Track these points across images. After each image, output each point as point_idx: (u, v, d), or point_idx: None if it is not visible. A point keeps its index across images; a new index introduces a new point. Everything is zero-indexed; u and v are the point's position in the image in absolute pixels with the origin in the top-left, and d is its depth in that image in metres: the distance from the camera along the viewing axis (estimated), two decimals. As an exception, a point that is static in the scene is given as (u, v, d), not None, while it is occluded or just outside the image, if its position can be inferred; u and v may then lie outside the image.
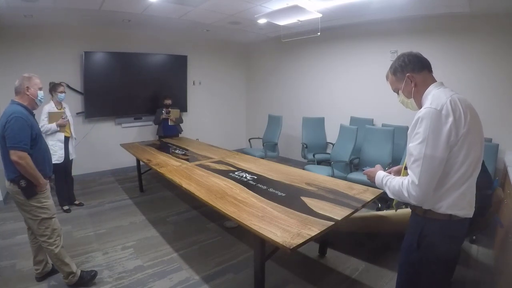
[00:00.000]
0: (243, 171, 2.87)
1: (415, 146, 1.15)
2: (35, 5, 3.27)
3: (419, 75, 1.28)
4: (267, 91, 6.49)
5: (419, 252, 1.27)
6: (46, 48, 4.34)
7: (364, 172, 1.52)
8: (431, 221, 1.22)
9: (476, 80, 3.52)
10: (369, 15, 3.96)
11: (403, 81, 1.31)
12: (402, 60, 1.30)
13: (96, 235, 2.99)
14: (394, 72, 1.35)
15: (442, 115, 1.12)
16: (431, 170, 1.13)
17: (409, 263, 1.33)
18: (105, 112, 4.97)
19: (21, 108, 1.95)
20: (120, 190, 4.36)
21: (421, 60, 1.29)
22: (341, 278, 2.35)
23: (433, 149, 1.12)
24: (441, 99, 1.15)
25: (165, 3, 3.45)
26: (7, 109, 1.92)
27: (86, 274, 2.20)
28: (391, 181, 1.29)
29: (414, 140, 1.17)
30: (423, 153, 1.13)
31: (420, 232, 1.26)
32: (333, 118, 4.95)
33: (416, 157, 1.15)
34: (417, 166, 1.15)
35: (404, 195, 1.19)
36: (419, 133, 1.14)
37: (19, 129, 1.85)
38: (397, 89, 1.38)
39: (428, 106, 1.15)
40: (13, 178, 1.90)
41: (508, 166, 2.68)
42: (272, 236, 1.55)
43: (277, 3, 3.43)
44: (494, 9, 3.23)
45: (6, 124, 1.83)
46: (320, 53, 5.29)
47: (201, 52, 6.03)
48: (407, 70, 1.29)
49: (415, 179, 1.15)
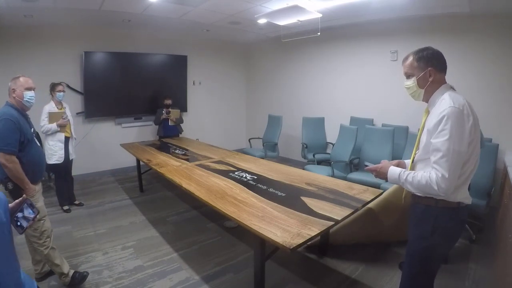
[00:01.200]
0: (243, 171, 2.87)
1: (443, 142, 1.22)
2: (35, 5, 3.27)
3: (439, 73, 1.34)
4: (267, 91, 6.49)
5: (432, 239, 1.34)
6: (46, 48, 4.34)
7: (369, 168, 1.52)
8: (444, 209, 1.31)
9: (475, 80, 3.53)
10: (369, 15, 3.96)
11: (423, 71, 1.34)
12: (430, 53, 1.34)
13: (96, 235, 2.99)
14: (418, 59, 1.35)
15: (464, 114, 1.22)
16: (458, 164, 1.23)
17: (421, 250, 1.39)
18: (105, 112, 4.98)
19: (13, 110, 1.90)
20: (120, 190, 4.37)
21: (444, 61, 1.35)
22: (341, 278, 2.35)
23: (459, 145, 1.20)
24: (460, 100, 1.25)
25: (165, 3, 3.45)
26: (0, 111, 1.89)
27: (78, 275, 2.18)
28: (413, 176, 1.33)
29: (440, 136, 1.23)
30: (451, 148, 1.20)
31: (434, 221, 1.33)
32: (333, 118, 4.95)
33: (445, 153, 1.21)
34: (446, 161, 1.22)
35: (433, 188, 1.25)
36: (445, 129, 1.21)
37: (7, 131, 1.81)
38: (412, 75, 1.39)
39: (452, 106, 1.22)
40: (1, 179, 1.87)
41: (508, 166, 2.68)
42: (272, 236, 1.55)
43: (277, 3, 3.43)
44: (494, 9, 3.23)
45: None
46: (320, 53, 5.29)
47: (201, 52, 6.03)
48: (432, 64, 1.33)
49: (445, 173, 1.22)
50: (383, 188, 3.05)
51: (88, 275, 2.24)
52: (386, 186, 3.10)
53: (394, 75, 4.01)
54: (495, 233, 2.76)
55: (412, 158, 1.45)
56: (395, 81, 4.07)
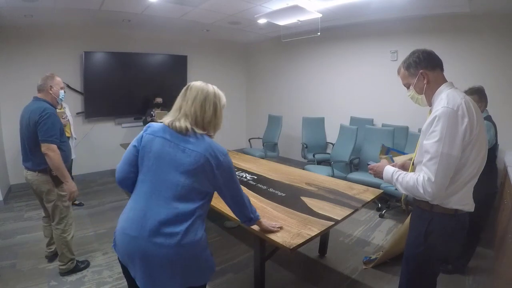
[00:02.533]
0: (243, 171, 2.87)
1: (432, 144, 1.17)
2: (35, 5, 3.27)
3: (432, 72, 1.30)
4: (267, 91, 6.49)
5: (425, 245, 1.30)
6: (46, 48, 4.34)
7: (369, 166, 1.51)
8: (438, 215, 1.26)
9: (475, 80, 3.49)
10: (369, 15, 3.96)
11: (416, 77, 1.32)
12: (416, 56, 1.31)
13: (96, 235, 2.99)
14: (407, 67, 1.34)
15: (458, 115, 1.14)
16: (447, 168, 1.16)
17: (415, 256, 1.36)
18: (105, 112, 4.98)
19: (49, 105, 2.09)
20: (120, 190, 4.36)
21: (434, 58, 1.31)
22: (341, 278, 2.35)
23: (449, 148, 1.14)
24: (456, 100, 1.18)
25: (165, 3, 3.45)
26: (35, 105, 2.05)
27: (80, 263, 2.42)
28: (403, 177, 1.29)
29: (430, 138, 1.18)
30: (440, 151, 1.14)
31: (427, 226, 1.29)
32: (333, 118, 4.95)
33: (433, 155, 1.16)
34: (433, 163, 1.16)
35: (419, 191, 1.20)
36: (435, 131, 1.16)
37: (52, 124, 2.01)
38: (408, 84, 1.37)
39: (445, 106, 1.16)
40: (45, 167, 2.07)
41: (508, 166, 2.68)
42: (272, 236, 1.55)
43: (277, 3, 3.43)
44: (494, 9, 3.23)
45: (39, 119, 1.98)
46: (320, 53, 5.29)
47: (201, 52, 6.03)
48: (421, 66, 1.30)
49: (432, 176, 1.16)
50: (383, 188, 3.05)
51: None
52: (386, 186, 3.10)
53: (394, 75, 3.92)
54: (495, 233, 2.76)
55: (413, 161, 1.42)
56: (395, 81, 4.01)
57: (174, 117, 1.18)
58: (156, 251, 1.06)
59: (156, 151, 1.14)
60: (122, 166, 1.21)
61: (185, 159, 1.11)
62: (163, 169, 1.12)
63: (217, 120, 1.22)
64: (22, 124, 2.08)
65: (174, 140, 1.14)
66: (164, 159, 1.13)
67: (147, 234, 1.06)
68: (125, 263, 1.17)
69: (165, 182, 1.11)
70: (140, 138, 1.20)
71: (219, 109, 1.23)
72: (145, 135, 1.19)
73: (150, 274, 1.09)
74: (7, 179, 4.21)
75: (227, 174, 1.20)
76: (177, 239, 1.06)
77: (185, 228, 1.08)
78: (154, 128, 1.19)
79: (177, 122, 1.14)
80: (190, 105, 1.17)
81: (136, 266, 1.11)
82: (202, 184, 1.14)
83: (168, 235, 1.06)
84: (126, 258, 1.15)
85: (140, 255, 1.08)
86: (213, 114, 1.20)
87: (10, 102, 4.06)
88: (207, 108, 1.18)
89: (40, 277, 2.28)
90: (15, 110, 4.31)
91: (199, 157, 1.11)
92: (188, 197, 1.11)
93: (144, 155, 1.16)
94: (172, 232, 1.07)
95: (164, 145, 1.14)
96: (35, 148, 2.03)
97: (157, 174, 1.13)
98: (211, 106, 1.19)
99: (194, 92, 1.20)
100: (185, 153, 1.12)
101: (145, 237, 1.06)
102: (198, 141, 1.14)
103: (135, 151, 1.19)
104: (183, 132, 1.14)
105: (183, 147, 1.13)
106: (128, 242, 1.11)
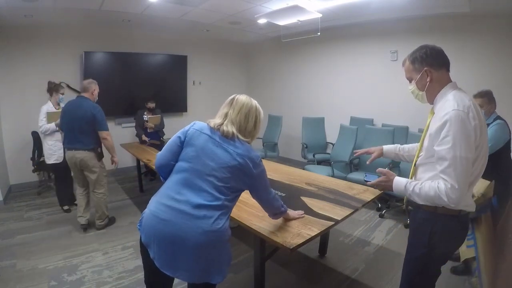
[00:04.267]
0: (243, 171, 2.87)
1: (448, 150, 1.13)
2: (35, 5, 3.27)
3: (437, 72, 1.26)
4: (267, 91, 6.49)
5: (429, 246, 1.29)
6: (46, 48, 4.34)
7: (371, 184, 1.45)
8: (442, 216, 1.25)
9: (475, 80, 3.51)
10: (369, 15, 3.96)
11: (420, 72, 1.28)
12: (424, 52, 1.27)
13: (96, 235, 2.99)
14: (413, 61, 1.30)
15: (469, 117, 1.13)
16: (467, 171, 1.14)
17: (418, 258, 1.36)
18: (105, 112, 4.87)
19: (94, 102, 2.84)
20: (120, 190, 4.37)
21: (442, 57, 1.27)
22: (341, 278, 2.35)
23: (466, 151, 1.12)
24: (465, 102, 1.16)
25: (165, 3, 3.45)
26: (85, 102, 2.78)
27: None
28: (420, 187, 1.24)
29: (444, 143, 1.15)
30: (458, 156, 1.12)
31: (431, 228, 1.28)
32: (333, 118, 4.95)
33: (451, 161, 1.13)
34: (453, 170, 1.13)
35: (442, 200, 1.16)
36: (448, 136, 1.13)
37: (103, 116, 2.83)
38: (411, 78, 1.34)
39: (456, 109, 1.13)
40: (93, 147, 2.85)
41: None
42: (272, 236, 1.55)
43: (277, 3, 3.43)
44: (494, 9, 3.23)
45: (94, 113, 2.74)
46: (320, 53, 5.29)
47: (201, 52, 6.03)
48: (427, 63, 1.26)
49: (455, 183, 1.13)
50: (383, 188, 3.05)
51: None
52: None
53: (394, 75, 4.01)
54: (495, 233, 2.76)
55: (415, 162, 1.39)
56: (395, 81, 4.07)
57: (221, 122, 1.31)
58: (188, 234, 1.16)
59: (200, 145, 1.27)
60: (165, 154, 1.32)
61: (225, 157, 1.24)
62: (203, 162, 1.24)
63: (256, 130, 1.38)
64: (72, 115, 2.74)
65: (219, 140, 1.28)
66: (206, 153, 1.25)
67: (180, 218, 1.17)
68: (147, 244, 1.24)
69: (202, 174, 1.23)
70: (186, 131, 1.32)
71: (258, 122, 1.39)
72: (191, 129, 1.32)
73: (174, 256, 1.18)
74: (7, 179, 4.21)
75: (261, 175, 1.35)
76: (208, 224, 1.17)
77: (216, 216, 1.20)
78: (201, 125, 1.34)
79: (225, 127, 1.29)
80: (236, 115, 1.32)
81: (161, 248, 1.19)
82: (237, 182, 1.27)
83: (201, 218, 1.17)
84: (151, 239, 1.22)
85: (169, 238, 1.17)
86: (254, 125, 1.36)
87: (10, 102, 4.07)
88: (250, 119, 1.34)
89: (40, 277, 2.28)
90: (15, 109, 4.35)
91: (239, 157, 1.25)
92: (221, 190, 1.23)
93: (188, 147, 1.28)
94: (205, 216, 1.18)
95: (208, 141, 1.27)
96: (86, 133, 2.76)
97: (197, 165, 1.24)
98: (253, 118, 1.35)
99: (240, 104, 1.34)
100: (227, 152, 1.25)
101: (177, 221, 1.16)
102: (240, 145, 1.28)
103: (179, 141, 1.31)
104: (229, 135, 1.28)
105: (226, 147, 1.26)
106: (156, 224, 1.20)
